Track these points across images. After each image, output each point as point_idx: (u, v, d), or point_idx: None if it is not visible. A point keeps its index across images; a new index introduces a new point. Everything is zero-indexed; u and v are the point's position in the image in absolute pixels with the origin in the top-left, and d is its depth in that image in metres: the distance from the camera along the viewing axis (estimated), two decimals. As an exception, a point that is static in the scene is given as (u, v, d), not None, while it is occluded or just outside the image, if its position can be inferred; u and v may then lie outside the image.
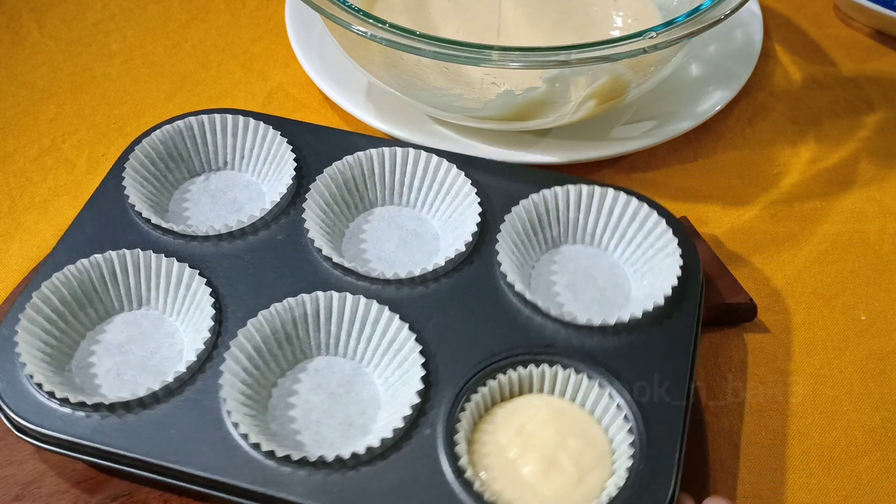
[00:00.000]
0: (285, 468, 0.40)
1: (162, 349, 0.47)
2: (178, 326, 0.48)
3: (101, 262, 0.48)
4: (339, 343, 0.46)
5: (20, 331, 0.44)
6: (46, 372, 0.44)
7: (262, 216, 0.50)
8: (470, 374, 0.44)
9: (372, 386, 0.45)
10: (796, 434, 0.48)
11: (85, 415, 0.42)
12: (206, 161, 0.55)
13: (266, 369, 0.45)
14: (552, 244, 0.51)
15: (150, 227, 0.50)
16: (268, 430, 0.43)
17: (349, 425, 0.44)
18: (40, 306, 0.46)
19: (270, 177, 0.54)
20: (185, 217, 0.53)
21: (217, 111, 0.55)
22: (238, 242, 0.50)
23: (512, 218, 0.49)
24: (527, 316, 0.46)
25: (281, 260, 0.49)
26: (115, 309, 0.48)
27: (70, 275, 0.47)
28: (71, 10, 0.73)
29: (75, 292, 0.47)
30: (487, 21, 0.64)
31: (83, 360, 0.46)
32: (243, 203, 0.53)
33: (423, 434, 0.42)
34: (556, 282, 0.49)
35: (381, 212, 0.53)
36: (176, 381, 0.43)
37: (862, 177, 0.61)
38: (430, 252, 0.51)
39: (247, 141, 0.55)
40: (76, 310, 0.47)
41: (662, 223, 0.49)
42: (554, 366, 0.44)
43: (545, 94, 0.55)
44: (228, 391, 0.42)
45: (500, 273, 0.47)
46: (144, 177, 0.53)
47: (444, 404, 0.43)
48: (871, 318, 0.53)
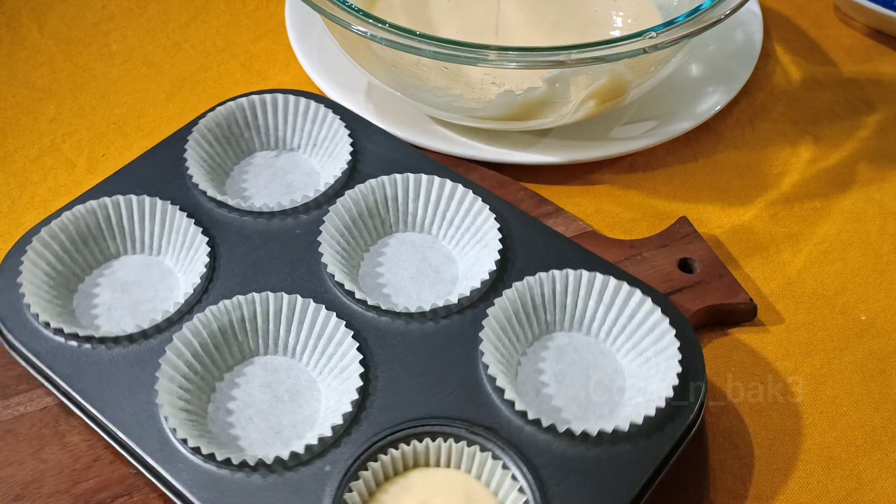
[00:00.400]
0: (184, 450, 0.41)
1: (156, 300, 0.49)
2: (182, 285, 0.49)
3: (121, 203, 0.51)
4: (304, 352, 0.46)
5: (29, 250, 0.48)
6: (43, 293, 0.47)
7: (283, 209, 0.51)
8: (398, 427, 0.42)
9: (316, 404, 0.45)
10: (796, 434, 0.48)
11: (63, 340, 0.45)
12: (282, 139, 0.56)
13: (225, 354, 0.46)
14: (545, 331, 0.47)
15: (192, 184, 0.52)
16: (199, 413, 0.44)
17: (276, 433, 0.43)
18: (52, 236, 0.49)
19: (326, 170, 0.55)
20: (243, 179, 0.55)
21: (314, 97, 0.56)
22: (261, 223, 0.51)
23: (503, 302, 0.45)
24: (489, 392, 0.43)
25: (284, 252, 0.49)
26: (136, 249, 0.51)
27: (91, 209, 0.50)
28: (71, 10, 0.73)
29: (89, 228, 0.50)
30: (487, 21, 0.64)
31: (89, 290, 0.49)
32: (296, 188, 0.54)
33: (322, 468, 0.41)
34: (543, 370, 0.45)
35: (402, 237, 0.52)
36: (138, 335, 0.46)
37: (862, 177, 0.61)
38: (445, 287, 0.49)
39: (321, 132, 0.56)
40: (91, 242, 0.50)
41: (665, 323, 0.44)
42: (485, 451, 0.41)
43: (545, 94, 0.54)
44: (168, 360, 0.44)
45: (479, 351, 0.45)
46: (216, 136, 0.55)
47: (360, 445, 0.41)
48: (871, 318, 0.53)
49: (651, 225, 0.57)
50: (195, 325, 0.45)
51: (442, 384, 0.44)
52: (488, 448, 0.41)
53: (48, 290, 0.48)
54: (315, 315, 0.46)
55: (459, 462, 0.42)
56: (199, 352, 0.45)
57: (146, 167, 0.53)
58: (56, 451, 0.45)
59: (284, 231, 0.51)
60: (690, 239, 0.54)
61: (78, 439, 0.45)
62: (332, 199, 0.51)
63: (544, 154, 0.59)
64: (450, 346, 0.45)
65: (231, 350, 0.46)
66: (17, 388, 0.47)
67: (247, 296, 0.46)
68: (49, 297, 0.47)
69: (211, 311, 0.46)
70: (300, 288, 0.47)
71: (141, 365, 0.45)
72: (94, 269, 0.50)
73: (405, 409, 0.43)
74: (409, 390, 0.44)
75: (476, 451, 0.41)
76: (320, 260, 0.48)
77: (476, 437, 0.41)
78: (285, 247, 0.50)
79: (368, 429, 0.42)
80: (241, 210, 0.51)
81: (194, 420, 0.43)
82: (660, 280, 0.52)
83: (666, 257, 0.53)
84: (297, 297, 0.46)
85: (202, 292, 0.48)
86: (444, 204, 0.51)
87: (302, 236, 0.50)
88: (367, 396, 0.43)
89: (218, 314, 0.46)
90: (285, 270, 0.49)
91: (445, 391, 0.43)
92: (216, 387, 0.45)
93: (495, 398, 0.43)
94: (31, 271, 0.48)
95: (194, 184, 0.52)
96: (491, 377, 0.43)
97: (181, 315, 0.47)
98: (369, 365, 0.44)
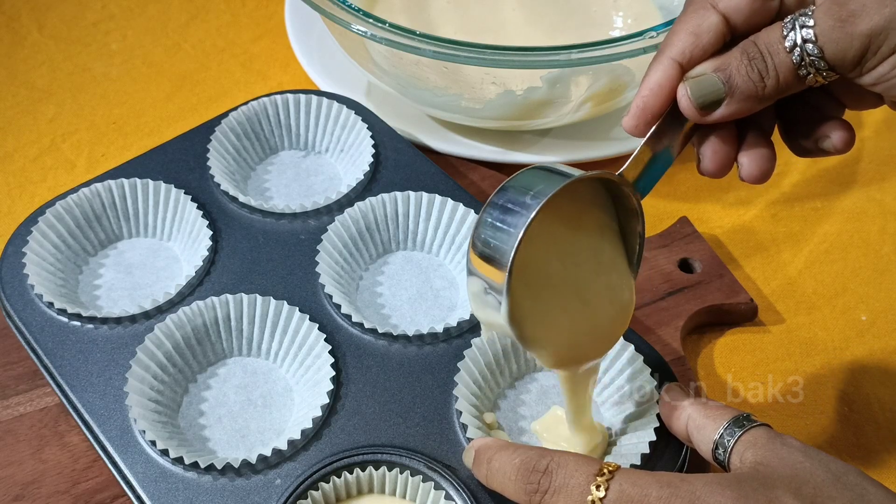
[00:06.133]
0: (142, 441, 0.42)
1: (156, 285, 0.49)
2: (184, 272, 0.50)
3: (125, 186, 0.51)
4: (284, 359, 0.46)
5: (40, 222, 0.49)
6: (47, 265, 0.48)
7: (293, 211, 0.51)
8: (357, 452, 0.41)
9: (287, 413, 0.45)
10: (796, 434, 0.48)
11: (54, 314, 0.46)
12: (311, 140, 0.57)
13: (207, 350, 0.46)
14: (517, 375, 0.46)
15: (210, 176, 0.52)
16: (171, 406, 0.44)
17: (242, 437, 0.44)
18: (60, 214, 0.50)
19: (348, 176, 0.55)
20: (266, 178, 0.55)
21: (346, 101, 0.56)
22: (269, 222, 0.51)
23: (466, 364, 0.44)
24: (455, 429, 0.43)
25: (285, 255, 0.49)
26: (147, 233, 0.52)
27: (108, 188, 0.51)
28: (71, 10, 0.73)
29: (104, 206, 0.51)
30: (487, 21, 0.64)
31: (95, 268, 0.50)
32: (316, 192, 0.54)
33: (273, 481, 0.41)
34: (524, 415, 0.45)
35: (403, 255, 0.52)
36: (126, 318, 0.46)
37: (862, 177, 0.61)
38: (441, 313, 0.49)
39: (349, 138, 0.56)
40: (104, 220, 0.51)
41: (646, 373, 0.44)
42: (440, 490, 0.41)
43: (545, 94, 0.54)
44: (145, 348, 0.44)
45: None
46: (244, 130, 0.55)
47: (314, 465, 0.41)
48: (871, 319, 0.53)
49: (651, 225, 0.57)
50: (179, 317, 0.45)
51: (409, 413, 0.43)
52: (443, 487, 0.41)
53: (53, 264, 0.48)
54: (299, 324, 0.46)
55: (415, 496, 0.41)
56: (181, 345, 0.45)
57: (176, 152, 0.54)
58: (56, 451, 0.45)
59: (289, 234, 0.51)
60: (691, 239, 0.54)
61: (78, 439, 0.45)
62: (343, 207, 0.51)
63: (544, 154, 0.59)
64: (425, 376, 0.45)
65: (214, 348, 0.46)
66: (17, 388, 0.47)
67: (235, 295, 0.46)
68: (52, 271, 0.48)
69: (198, 305, 0.46)
70: (291, 293, 0.47)
71: (121, 349, 0.45)
72: (105, 248, 0.51)
73: (367, 434, 0.43)
74: (374, 415, 0.43)
75: (431, 487, 0.41)
76: (316, 269, 0.48)
77: (433, 473, 0.41)
78: (287, 250, 0.50)
79: (327, 448, 0.42)
80: (250, 207, 0.51)
81: (162, 412, 0.43)
82: (660, 280, 0.52)
83: (666, 257, 0.53)
84: (283, 304, 0.46)
85: (196, 285, 0.48)
86: (454, 228, 0.51)
87: (305, 242, 0.50)
88: (333, 414, 0.43)
89: (199, 311, 0.46)
90: (281, 274, 0.49)
91: (411, 421, 0.43)
92: (197, 379, 0.45)
93: (461, 435, 0.43)
94: (39, 243, 0.48)
95: (211, 175, 0.52)
96: (463, 425, 0.42)
97: (171, 305, 0.47)
98: (341, 382, 0.44)
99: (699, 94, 0.36)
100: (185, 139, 0.55)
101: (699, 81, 0.36)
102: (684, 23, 0.37)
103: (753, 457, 0.35)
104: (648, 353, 0.45)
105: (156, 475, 0.41)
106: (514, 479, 0.36)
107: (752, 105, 0.36)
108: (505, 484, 0.37)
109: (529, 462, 0.36)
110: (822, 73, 0.34)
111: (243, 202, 0.51)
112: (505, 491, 0.37)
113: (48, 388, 0.47)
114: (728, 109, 0.36)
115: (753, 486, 0.33)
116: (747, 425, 0.37)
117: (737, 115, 0.36)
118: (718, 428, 0.37)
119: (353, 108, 0.56)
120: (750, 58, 0.35)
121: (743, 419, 0.37)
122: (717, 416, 0.38)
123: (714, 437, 0.37)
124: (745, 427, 0.36)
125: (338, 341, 0.46)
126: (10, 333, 0.48)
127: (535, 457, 0.36)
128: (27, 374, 0.48)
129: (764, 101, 0.36)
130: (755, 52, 0.35)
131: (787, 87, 0.35)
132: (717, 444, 0.37)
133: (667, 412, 0.41)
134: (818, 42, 0.34)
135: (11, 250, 0.49)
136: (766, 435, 0.36)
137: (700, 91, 0.36)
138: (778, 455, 0.34)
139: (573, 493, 0.35)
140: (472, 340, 0.45)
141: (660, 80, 0.37)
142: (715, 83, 0.36)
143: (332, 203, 0.51)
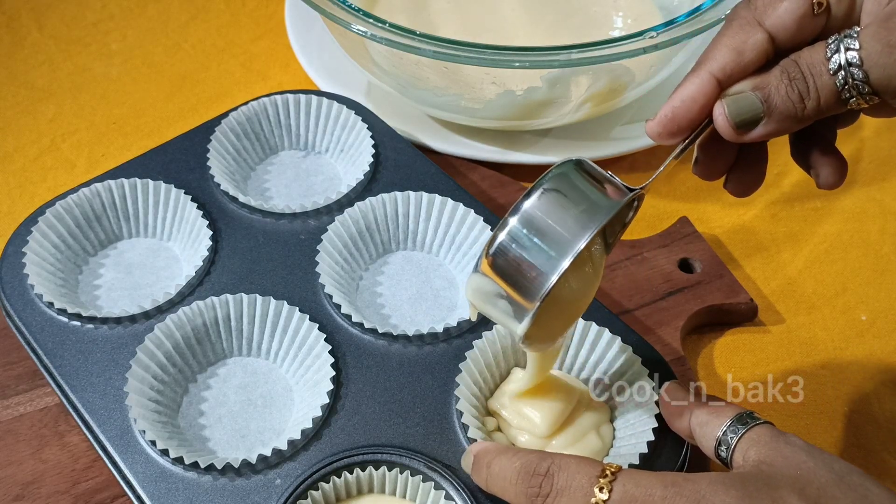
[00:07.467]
0: (142, 441, 0.42)
1: (156, 285, 0.49)
2: (183, 272, 0.50)
3: (125, 185, 0.51)
4: (284, 359, 0.46)
5: (40, 222, 0.49)
6: (47, 265, 0.48)
7: (293, 211, 0.51)
8: (357, 452, 0.41)
9: (287, 413, 0.44)
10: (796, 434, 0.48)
11: (54, 314, 0.46)
12: (311, 140, 0.57)
13: (207, 350, 0.46)
14: None
15: (210, 175, 0.52)
16: (171, 406, 0.44)
17: (242, 437, 0.44)
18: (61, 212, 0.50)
19: (348, 176, 0.55)
20: (266, 178, 0.55)
21: (346, 101, 0.56)
22: (269, 222, 0.51)
23: (462, 376, 0.44)
24: (455, 429, 0.43)
25: (285, 255, 0.49)
26: (147, 232, 0.52)
27: (108, 187, 0.51)
28: (70, 10, 0.73)
29: (104, 206, 0.51)
30: (487, 21, 0.64)
31: (95, 268, 0.50)
32: (316, 192, 0.54)
33: (273, 480, 0.41)
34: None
35: (403, 255, 0.52)
36: (126, 318, 0.46)
37: (862, 177, 0.61)
38: (441, 313, 0.49)
39: (349, 138, 0.55)
40: (104, 220, 0.51)
41: (644, 373, 0.44)
42: (440, 489, 0.41)
43: (545, 94, 0.54)
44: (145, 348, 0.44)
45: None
46: (244, 130, 0.55)
47: (314, 465, 0.41)
48: (871, 318, 0.53)
49: (651, 225, 0.57)
50: (179, 317, 0.45)
51: (409, 413, 0.43)
52: (443, 487, 0.40)
53: (53, 264, 0.48)
54: (299, 324, 0.46)
55: (415, 496, 0.41)
56: (181, 345, 0.45)
57: (176, 152, 0.54)
58: (56, 451, 0.45)
59: (289, 234, 0.50)
60: (691, 239, 0.54)
61: (78, 439, 0.45)
62: (343, 207, 0.51)
63: (544, 154, 0.59)
64: (425, 376, 0.45)
65: (214, 348, 0.46)
66: (17, 389, 0.47)
67: (235, 295, 0.46)
68: (52, 271, 0.48)
69: (198, 305, 0.46)
70: (291, 293, 0.47)
71: (121, 349, 0.45)
72: (105, 248, 0.51)
73: (367, 434, 0.43)
74: (374, 415, 0.43)
75: (431, 487, 0.41)
76: (316, 269, 0.48)
77: (433, 473, 0.41)
78: (287, 250, 0.50)
79: (327, 448, 0.42)
80: (250, 207, 0.51)
81: (162, 412, 0.43)
82: (660, 280, 0.52)
83: (666, 257, 0.53)
84: (283, 304, 0.46)
85: (196, 285, 0.48)
86: (454, 228, 0.51)
87: (305, 242, 0.50)
88: (333, 414, 0.43)
89: (199, 311, 0.46)
90: (281, 274, 0.49)
91: (411, 421, 0.43)
92: (197, 379, 0.45)
93: (461, 435, 0.43)
94: (39, 243, 0.48)
95: (211, 175, 0.52)
96: (463, 425, 0.42)
97: (171, 305, 0.47)
98: (341, 382, 0.44)
99: (737, 113, 0.35)
100: (185, 139, 0.55)
101: (737, 100, 0.35)
102: (727, 37, 0.36)
103: (757, 455, 0.35)
104: (648, 354, 0.45)
105: (156, 475, 0.41)
106: (515, 482, 0.36)
107: (790, 126, 0.35)
108: (506, 488, 0.37)
109: (530, 465, 0.36)
110: (865, 98, 0.34)
111: (243, 202, 0.51)
112: (506, 495, 0.37)
113: (48, 388, 0.47)
114: (765, 129, 0.35)
115: (758, 486, 0.33)
116: (751, 423, 0.36)
117: (773, 136, 0.36)
118: (721, 425, 0.37)
119: (353, 108, 0.56)
120: (791, 78, 0.34)
121: (746, 416, 0.37)
122: (721, 413, 0.38)
123: (717, 433, 0.37)
124: (749, 424, 0.36)
125: (338, 341, 0.46)
126: (10, 333, 0.48)
127: (536, 460, 0.36)
128: (27, 374, 0.48)
129: (802, 122, 0.35)
130: (797, 73, 0.34)
131: (827, 110, 0.34)
132: (720, 440, 0.37)
133: (669, 410, 0.41)
134: (864, 66, 0.33)
135: (11, 250, 0.49)
136: (769, 433, 0.36)
137: (738, 110, 0.35)
138: (781, 454, 0.34)
139: (576, 496, 0.35)
140: (474, 341, 0.45)
141: (694, 93, 0.36)
142: (753, 102, 0.35)
143: (332, 203, 0.51)
